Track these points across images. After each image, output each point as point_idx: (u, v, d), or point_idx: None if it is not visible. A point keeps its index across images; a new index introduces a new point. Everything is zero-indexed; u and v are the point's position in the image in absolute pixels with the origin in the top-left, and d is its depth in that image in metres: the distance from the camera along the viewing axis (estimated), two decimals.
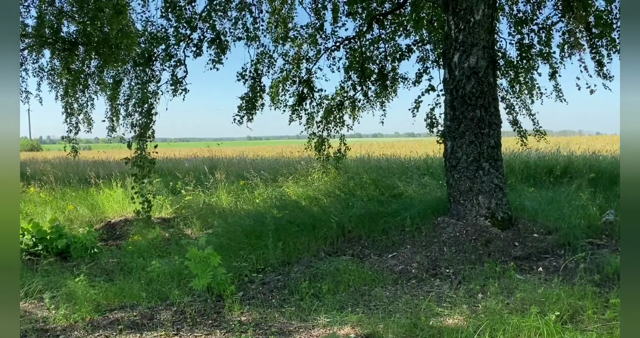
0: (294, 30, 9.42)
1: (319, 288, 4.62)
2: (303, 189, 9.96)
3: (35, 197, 10.20)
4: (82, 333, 3.84)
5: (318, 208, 7.88)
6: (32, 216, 8.30)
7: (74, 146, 11.79)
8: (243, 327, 3.84)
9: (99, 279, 5.23)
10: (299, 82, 9.68)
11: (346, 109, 10.05)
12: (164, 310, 4.31)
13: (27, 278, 5.21)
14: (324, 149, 10.36)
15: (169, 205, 9.70)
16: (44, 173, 12.85)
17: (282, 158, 17.34)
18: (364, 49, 9.35)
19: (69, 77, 11.57)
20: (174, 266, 5.25)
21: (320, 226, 6.50)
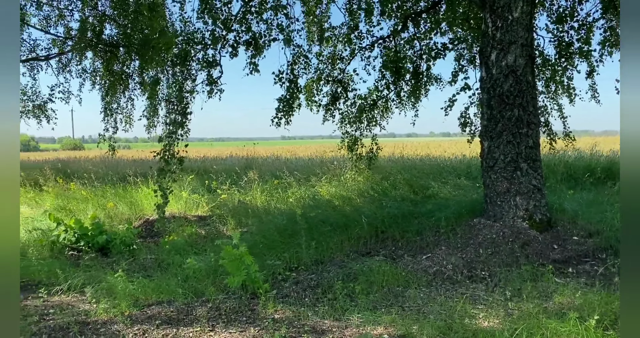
0: (328, 31, 9.44)
1: (352, 288, 4.62)
2: (336, 189, 9.97)
3: (77, 194, 10.54)
4: (122, 327, 3.95)
5: (351, 207, 7.88)
6: (75, 213, 8.60)
7: (111, 145, 12.15)
8: (276, 324, 3.88)
9: (138, 275, 5.37)
10: (332, 81, 9.69)
11: (379, 109, 10.01)
12: (199, 306, 4.39)
13: (70, 273, 5.40)
14: (357, 149, 10.35)
15: (205, 203, 9.87)
16: (85, 171, 13.28)
17: (315, 157, 17.39)
18: (399, 48, 9.28)
19: (110, 78, 11.93)
20: (209, 264, 5.34)
21: (353, 226, 6.49)
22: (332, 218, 6.77)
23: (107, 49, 11.50)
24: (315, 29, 9.22)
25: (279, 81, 8.73)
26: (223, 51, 7.53)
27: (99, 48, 11.57)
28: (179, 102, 7.30)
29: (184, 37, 7.71)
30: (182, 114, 7.32)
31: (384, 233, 6.47)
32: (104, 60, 12.00)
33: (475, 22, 8.42)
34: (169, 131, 7.33)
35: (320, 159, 16.23)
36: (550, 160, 10.54)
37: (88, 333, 3.83)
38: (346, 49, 9.61)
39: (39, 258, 6.36)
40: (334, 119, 10.08)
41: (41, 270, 5.66)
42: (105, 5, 11.97)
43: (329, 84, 9.74)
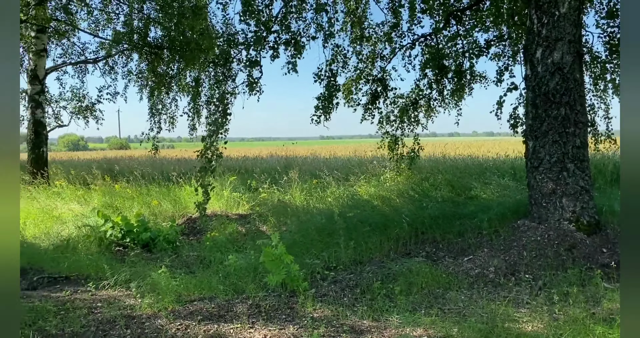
0: (368, 29, 9.40)
1: (391, 289, 4.58)
2: (375, 189, 9.92)
3: (123, 192, 10.88)
4: (165, 322, 4.05)
5: (390, 208, 7.82)
6: (121, 210, 8.88)
7: (154, 144, 12.48)
8: (315, 323, 3.90)
9: (180, 271, 5.50)
10: (372, 80, 9.65)
11: (421, 108, 9.89)
12: (239, 303, 4.46)
13: (116, 268, 5.59)
14: (397, 149, 10.26)
15: (245, 202, 10.01)
16: (131, 170, 13.70)
17: (354, 157, 17.34)
18: (441, 46, 9.14)
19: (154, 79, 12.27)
20: (249, 261, 5.41)
21: (392, 226, 6.44)
22: (371, 218, 6.74)
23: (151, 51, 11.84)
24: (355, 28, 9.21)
25: (318, 79, 8.77)
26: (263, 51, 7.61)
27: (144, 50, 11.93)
28: (220, 103, 7.44)
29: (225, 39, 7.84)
30: (222, 114, 7.46)
31: (424, 234, 6.39)
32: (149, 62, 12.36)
33: (520, 19, 8.20)
34: (210, 131, 7.48)
35: (359, 158, 16.18)
36: (598, 161, 10.16)
37: (133, 327, 3.95)
38: (386, 48, 9.55)
39: (87, 254, 6.61)
40: (373, 119, 10.03)
41: (89, 264, 5.88)
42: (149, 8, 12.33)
43: (369, 83, 9.70)
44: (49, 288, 5.39)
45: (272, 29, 7.42)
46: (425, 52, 9.31)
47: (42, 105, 14.21)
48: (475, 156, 14.96)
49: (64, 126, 17.47)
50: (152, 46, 11.76)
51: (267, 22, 7.37)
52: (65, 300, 4.66)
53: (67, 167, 16.05)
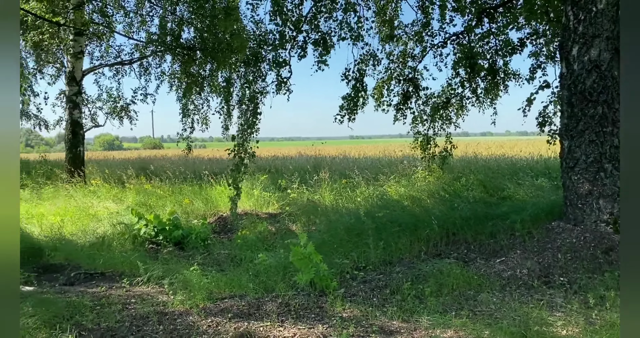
0: (399, 29, 9.34)
1: (421, 290, 4.54)
2: (405, 189, 9.84)
3: (157, 191, 11.11)
4: (196, 319, 4.12)
5: (420, 208, 7.74)
6: (154, 209, 9.08)
7: (188, 144, 12.70)
8: (345, 323, 3.90)
9: (212, 269, 5.58)
10: (403, 80, 9.58)
11: (453, 107, 9.77)
12: (269, 301, 4.49)
13: (149, 265, 5.71)
14: (429, 148, 10.16)
15: (275, 201, 10.08)
16: (164, 169, 13.98)
17: (384, 157, 17.26)
18: (473, 44, 9.01)
19: (187, 80, 12.48)
20: (279, 260, 5.45)
21: (422, 227, 6.38)
22: (401, 219, 6.69)
23: (184, 52, 12.05)
24: (385, 27, 9.16)
25: (345, 79, 8.76)
26: (292, 51, 7.66)
27: (177, 51, 12.15)
28: (251, 102, 7.53)
29: (256, 39, 7.92)
30: (253, 113, 7.55)
31: (455, 235, 6.31)
32: (182, 63, 12.58)
33: (555, 15, 7.99)
34: (241, 130, 7.59)
35: (389, 158, 16.09)
36: None
37: (166, 323, 4.03)
38: (417, 47, 9.47)
39: (121, 251, 6.78)
40: (405, 119, 9.96)
41: (124, 261, 6.03)
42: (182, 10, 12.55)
43: (400, 83, 9.63)
44: (85, 283, 5.55)
45: (302, 28, 7.45)
46: (457, 51, 9.18)
47: (79, 106, 14.65)
48: (508, 155, 14.70)
49: (99, 126, 17.97)
50: (184, 47, 11.97)
51: (297, 22, 7.41)
52: (101, 296, 4.79)
53: (102, 166, 16.50)
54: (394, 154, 17.43)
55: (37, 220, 8.53)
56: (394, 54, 9.61)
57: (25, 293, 4.86)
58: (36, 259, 6.51)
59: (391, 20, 9.25)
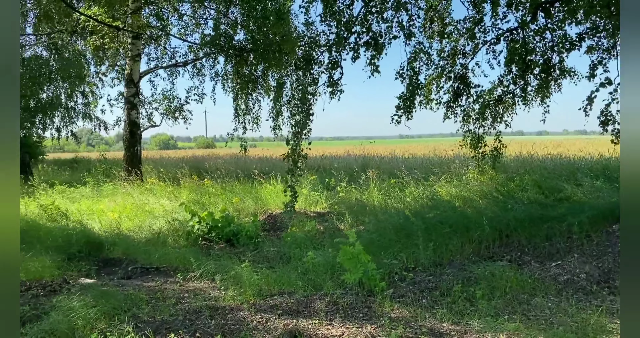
0: (450, 25, 9.16)
1: (472, 293, 4.45)
2: (456, 189, 9.65)
3: (210, 189, 11.41)
4: (247, 314, 4.21)
5: (472, 209, 7.58)
6: (207, 206, 9.32)
7: (242, 144, 12.96)
8: (393, 323, 3.87)
9: (261, 266, 5.68)
10: (454, 78, 9.39)
11: (505, 105, 9.49)
12: (318, 299, 4.53)
13: (202, 261, 5.88)
14: (480, 147, 9.91)
15: (323, 200, 10.13)
16: (216, 168, 14.33)
17: (434, 156, 16.99)
18: (527, 40, 8.71)
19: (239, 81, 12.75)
20: (327, 258, 5.48)
21: (474, 228, 6.24)
22: (452, 220, 6.57)
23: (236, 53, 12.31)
24: (436, 24, 9.01)
25: (400, 77, 8.68)
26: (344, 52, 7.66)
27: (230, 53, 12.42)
28: (302, 104, 7.60)
29: (307, 41, 7.98)
30: (305, 115, 7.61)
31: (509, 237, 6.13)
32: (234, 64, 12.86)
33: (617, 9, 7.60)
34: (294, 132, 7.67)
35: (440, 158, 15.82)
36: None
37: (217, 317, 4.14)
38: (469, 44, 9.26)
39: (176, 246, 7.01)
40: (456, 117, 9.76)
41: (178, 257, 6.23)
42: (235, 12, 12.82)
43: (450, 80, 9.45)
44: (141, 277, 5.77)
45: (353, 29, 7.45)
46: (511, 47, 8.91)
47: (136, 107, 15.24)
48: (566, 155, 14.13)
49: (156, 126, 18.63)
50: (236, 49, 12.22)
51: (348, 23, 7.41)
52: (156, 290, 4.97)
53: (158, 165, 17.10)
54: (445, 154, 17.12)
55: (98, 215, 8.94)
56: (445, 51, 9.43)
57: (86, 285, 5.11)
58: (97, 253, 6.84)
59: (442, 17, 9.09)
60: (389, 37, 8.02)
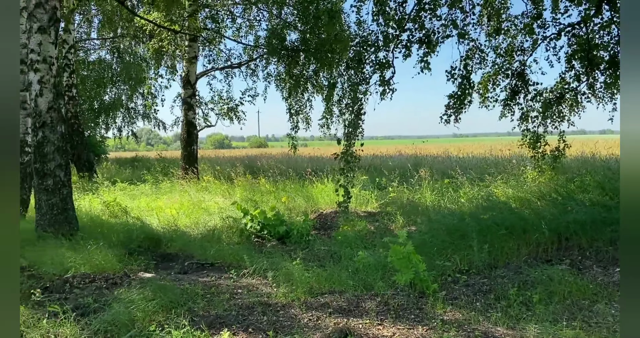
0: (507, 22, 8.88)
1: (528, 297, 4.30)
2: (513, 190, 9.34)
3: (262, 188, 11.62)
4: (298, 312, 4.26)
5: (530, 211, 7.31)
6: (260, 204, 9.49)
7: (293, 143, 13.12)
8: (445, 326, 3.81)
9: (312, 264, 5.73)
10: (511, 75, 9.10)
11: (567, 103, 9.10)
12: (368, 299, 4.51)
13: (254, 258, 6.00)
14: (540, 147, 9.56)
15: (374, 200, 10.08)
16: (269, 167, 14.56)
17: (490, 156, 16.53)
18: (591, 35, 8.31)
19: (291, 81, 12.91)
20: (378, 259, 5.45)
21: (531, 230, 6.02)
22: (508, 221, 6.36)
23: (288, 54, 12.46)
24: (492, 21, 8.75)
25: (451, 77, 8.49)
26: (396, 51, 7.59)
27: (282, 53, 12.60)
28: (354, 104, 7.59)
29: (359, 41, 7.96)
30: (356, 115, 7.60)
31: (568, 241, 5.89)
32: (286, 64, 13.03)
33: None
34: (347, 133, 7.68)
35: (496, 157, 15.38)
36: None
37: (269, 314, 4.21)
38: (527, 40, 8.94)
39: (229, 243, 7.18)
40: (513, 116, 9.46)
41: (231, 253, 6.39)
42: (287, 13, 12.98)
43: (508, 78, 9.16)
44: (197, 273, 5.95)
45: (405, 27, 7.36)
46: (573, 43, 8.53)
47: (193, 107, 15.72)
48: None
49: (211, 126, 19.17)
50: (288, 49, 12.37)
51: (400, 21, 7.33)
52: (211, 285, 5.11)
53: (213, 164, 17.57)
54: (501, 154, 16.63)
55: (156, 212, 9.29)
56: (501, 47, 9.15)
57: (145, 279, 5.33)
58: (155, 248, 7.12)
59: (498, 13, 8.82)
60: (442, 36, 7.86)
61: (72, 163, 16.61)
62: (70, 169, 7.60)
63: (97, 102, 26.82)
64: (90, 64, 26.11)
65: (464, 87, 8.41)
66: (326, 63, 11.39)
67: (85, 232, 7.16)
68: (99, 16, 21.52)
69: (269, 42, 11.65)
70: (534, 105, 9.27)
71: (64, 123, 7.35)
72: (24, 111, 9.80)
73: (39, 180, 7.16)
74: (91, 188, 13.03)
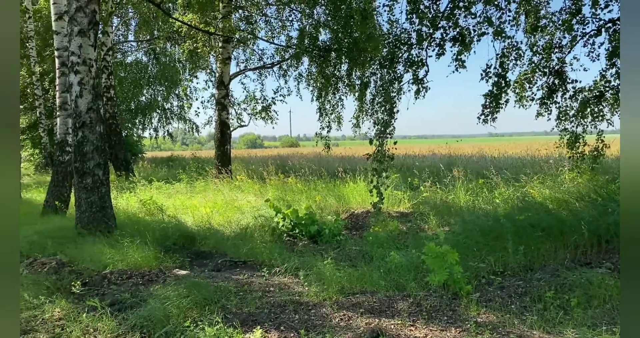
0: (544, 18, 8.66)
1: (566, 300, 4.19)
2: (550, 191, 9.11)
3: (294, 187, 11.68)
4: (329, 311, 4.26)
5: (568, 212, 7.11)
6: (291, 204, 9.54)
7: (326, 143, 13.14)
8: (479, 328, 3.74)
9: (344, 264, 5.72)
10: (549, 73, 8.87)
11: (607, 102, 8.80)
12: (400, 300, 4.48)
13: (286, 256, 6.04)
14: (578, 147, 9.28)
15: (407, 200, 10.00)
16: (300, 166, 14.63)
17: (526, 156, 16.17)
18: None
19: (322, 80, 12.94)
20: (410, 259, 5.41)
21: (569, 232, 5.85)
22: (545, 222, 6.21)
23: (320, 53, 12.49)
24: (529, 18, 8.54)
25: (485, 76, 8.32)
26: (429, 49, 7.49)
27: (314, 53, 12.64)
28: (386, 103, 7.54)
29: (391, 40, 7.89)
30: (389, 114, 7.55)
31: (609, 243, 5.70)
32: (317, 64, 13.06)
33: None
34: (379, 131, 7.63)
35: (532, 157, 15.04)
36: None
37: (301, 312, 4.23)
38: (565, 37, 8.69)
39: (262, 242, 7.25)
40: (550, 115, 9.22)
41: (264, 252, 6.44)
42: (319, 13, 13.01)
43: (545, 76, 8.93)
44: (230, 270, 6.03)
45: (439, 25, 7.26)
46: (614, 39, 8.25)
47: (227, 108, 15.93)
48: None
49: (244, 126, 19.41)
50: (320, 49, 12.40)
51: (434, 19, 7.24)
52: (244, 283, 5.17)
53: (246, 163, 17.77)
54: (538, 153, 16.24)
55: (191, 210, 9.46)
56: (538, 45, 8.92)
57: (180, 276, 5.44)
58: (190, 246, 7.26)
59: (536, 9, 8.60)
60: (477, 34, 7.71)
61: (110, 162, 17.09)
62: (108, 168, 7.82)
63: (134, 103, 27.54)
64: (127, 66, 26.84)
65: (500, 86, 8.23)
66: (358, 62, 11.37)
67: (123, 229, 7.36)
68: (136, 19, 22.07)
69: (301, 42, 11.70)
70: (572, 104, 9.01)
71: (102, 123, 7.57)
72: (64, 111, 10.15)
73: (78, 179, 7.39)
74: (128, 187, 13.38)
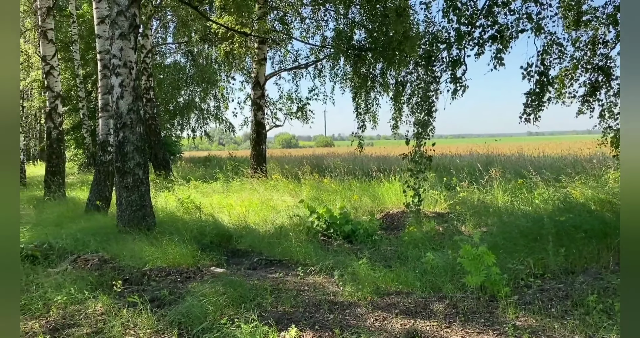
0: (587, 14, 8.37)
1: (609, 304, 4.05)
2: (593, 191, 8.81)
3: (328, 187, 11.69)
4: (364, 311, 4.26)
5: (612, 213, 6.87)
6: (326, 203, 9.56)
7: (360, 143, 13.11)
8: (518, 331, 3.66)
9: (379, 264, 5.69)
10: (592, 69, 8.57)
11: None
12: (436, 301, 4.43)
13: (321, 256, 6.06)
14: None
15: (443, 200, 9.86)
16: (335, 166, 14.64)
17: (567, 155, 15.71)
18: None
19: (358, 80, 12.92)
20: (447, 260, 5.33)
21: (613, 234, 5.65)
22: (587, 224, 6.01)
23: (355, 53, 12.46)
24: (571, 12, 8.28)
25: (527, 75, 8.09)
26: (468, 48, 7.35)
27: (349, 53, 12.62)
28: (424, 102, 7.45)
29: (428, 39, 7.79)
30: (427, 113, 7.45)
31: None
32: (353, 63, 13.04)
33: None
34: (416, 132, 7.54)
35: (574, 157, 14.59)
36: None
37: (336, 312, 4.24)
38: (610, 32, 8.38)
39: (297, 241, 7.29)
40: (592, 112, 8.91)
41: (299, 251, 6.48)
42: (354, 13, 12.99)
43: (588, 72, 8.64)
44: (265, 269, 6.10)
45: (477, 23, 7.13)
46: None
47: (262, 108, 16.10)
48: None
49: (279, 126, 19.56)
50: (355, 48, 12.37)
51: (472, 17, 7.11)
52: (279, 281, 5.22)
53: (281, 163, 17.91)
54: (580, 153, 15.75)
55: (227, 209, 9.61)
56: (581, 40, 8.63)
57: (216, 274, 5.53)
58: (226, 244, 7.38)
59: (579, 3, 8.33)
60: (517, 30, 7.51)
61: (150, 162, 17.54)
62: (148, 167, 8.03)
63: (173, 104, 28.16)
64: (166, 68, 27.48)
65: (542, 84, 7.99)
66: (394, 62, 11.28)
67: (162, 227, 7.54)
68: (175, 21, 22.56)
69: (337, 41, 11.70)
70: (616, 100, 8.68)
71: (142, 124, 7.78)
72: (106, 113, 10.49)
73: (119, 178, 7.62)
74: (167, 186, 13.70)
